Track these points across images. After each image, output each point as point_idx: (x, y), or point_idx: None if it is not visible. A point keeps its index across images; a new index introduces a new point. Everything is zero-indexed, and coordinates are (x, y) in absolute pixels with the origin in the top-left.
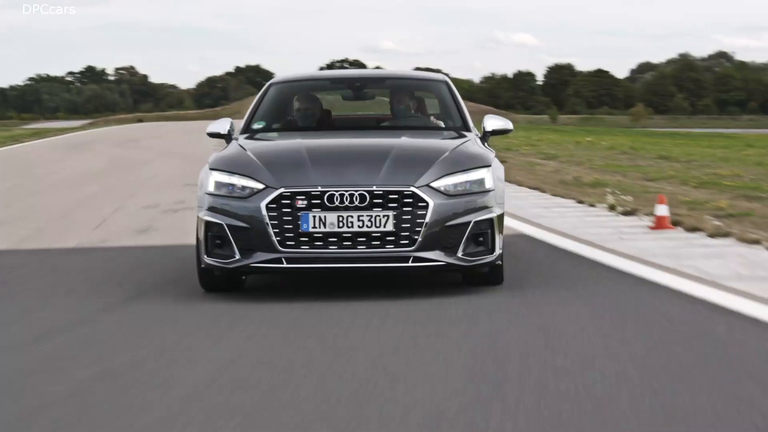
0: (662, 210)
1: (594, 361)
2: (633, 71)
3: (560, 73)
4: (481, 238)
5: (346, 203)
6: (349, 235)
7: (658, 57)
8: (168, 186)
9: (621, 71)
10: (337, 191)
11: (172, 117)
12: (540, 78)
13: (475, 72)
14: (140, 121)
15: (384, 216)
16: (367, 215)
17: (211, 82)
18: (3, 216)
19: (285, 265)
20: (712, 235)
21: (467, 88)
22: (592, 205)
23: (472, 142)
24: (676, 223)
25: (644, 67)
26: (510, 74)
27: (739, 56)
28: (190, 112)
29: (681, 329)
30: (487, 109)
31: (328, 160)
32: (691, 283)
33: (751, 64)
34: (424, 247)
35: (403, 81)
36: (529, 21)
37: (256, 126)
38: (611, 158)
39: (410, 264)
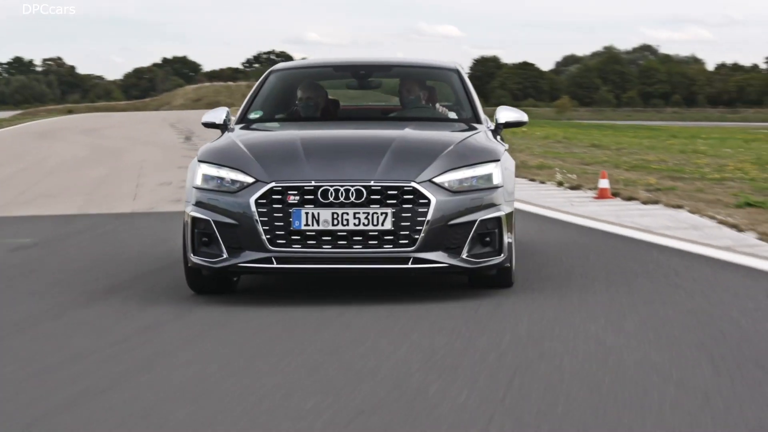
0: (604, 183)
1: (572, 270)
2: (558, 64)
3: (486, 66)
4: (487, 238)
5: (342, 199)
6: (345, 233)
7: (583, 50)
8: (164, 168)
9: (546, 64)
10: (331, 186)
11: (102, 108)
12: (466, 70)
13: None
14: (70, 112)
15: (382, 213)
16: (364, 212)
17: (138, 73)
18: (43, 190)
19: (275, 265)
20: (644, 202)
21: None
22: (542, 182)
23: (481, 135)
24: (615, 194)
25: (569, 60)
26: None
27: (664, 49)
28: (119, 103)
29: (626, 253)
30: None
31: (324, 152)
32: (630, 231)
33: (675, 57)
34: (425, 248)
35: (411, 69)
36: (453, 12)
37: (252, 116)
38: (548, 146)
39: (410, 266)
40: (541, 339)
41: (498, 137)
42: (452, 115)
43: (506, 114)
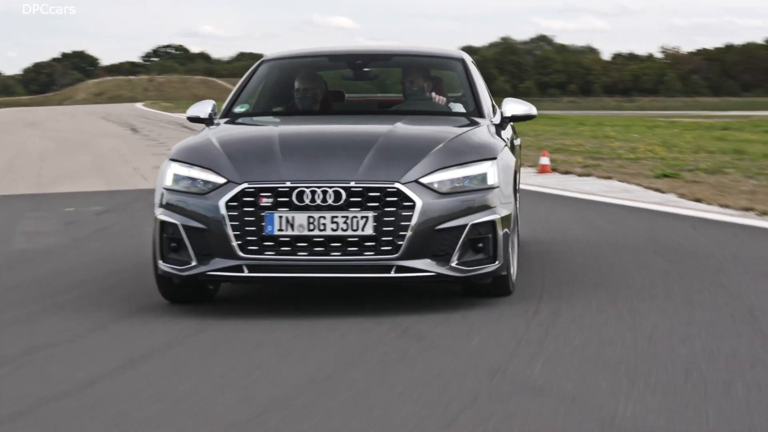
0: (545, 160)
1: (547, 220)
2: None
3: None
4: (480, 244)
5: (319, 202)
6: (322, 239)
7: (480, 41)
8: (140, 155)
9: None
10: (308, 187)
11: (5, 103)
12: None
13: None
14: None
15: (362, 217)
16: (343, 216)
17: (38, 68)
18: (56, 174)
19: (246, 273)
20: (580, 175)
21: None
22: None
23: (480, 130)
24: (553, 170)
25: (466, 51)
26: None
27: (559, 39)
28: (22, 98)
29: (581, 208)
30: None
31: (302, 150)
32: (576, 194)
33: (571, 47)
34: (409, 255)
35: (411, 58)
36: (346, 4)
37: (238, 109)
38: None
39: (393, 274)
40: (549, 255)
41: (501, 132)
42: (459, 107)
43: (513, 107)
